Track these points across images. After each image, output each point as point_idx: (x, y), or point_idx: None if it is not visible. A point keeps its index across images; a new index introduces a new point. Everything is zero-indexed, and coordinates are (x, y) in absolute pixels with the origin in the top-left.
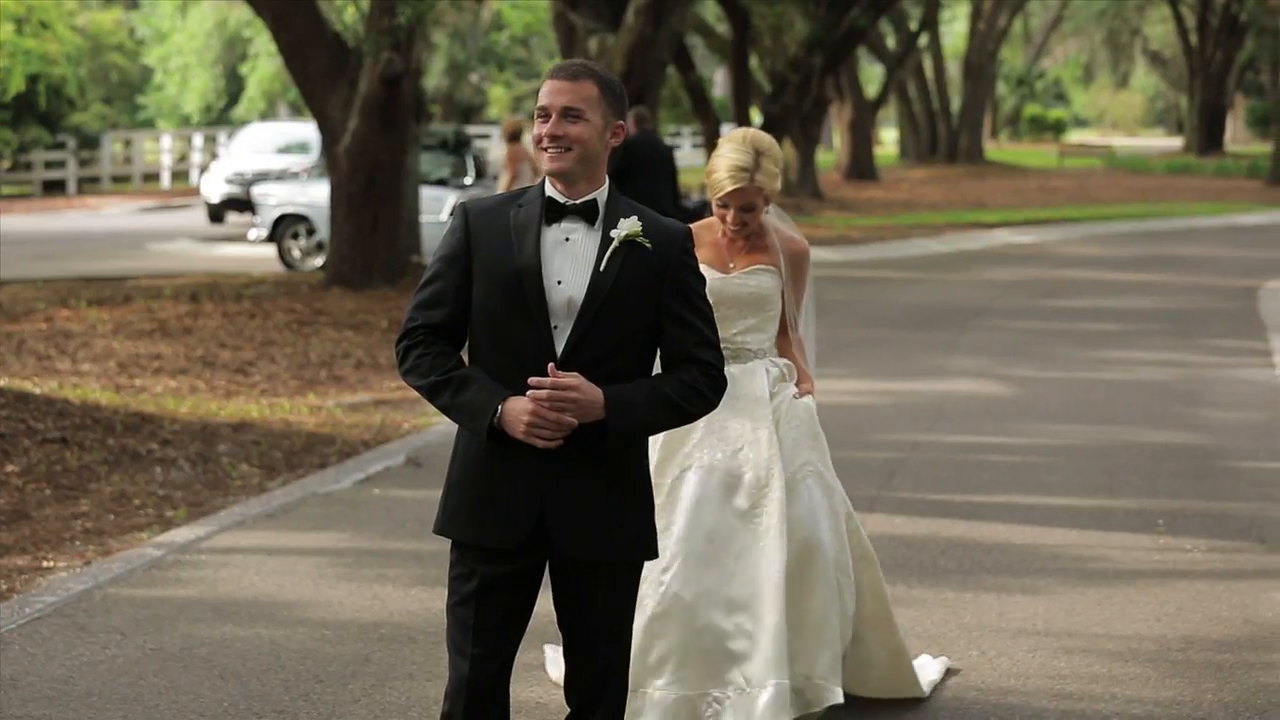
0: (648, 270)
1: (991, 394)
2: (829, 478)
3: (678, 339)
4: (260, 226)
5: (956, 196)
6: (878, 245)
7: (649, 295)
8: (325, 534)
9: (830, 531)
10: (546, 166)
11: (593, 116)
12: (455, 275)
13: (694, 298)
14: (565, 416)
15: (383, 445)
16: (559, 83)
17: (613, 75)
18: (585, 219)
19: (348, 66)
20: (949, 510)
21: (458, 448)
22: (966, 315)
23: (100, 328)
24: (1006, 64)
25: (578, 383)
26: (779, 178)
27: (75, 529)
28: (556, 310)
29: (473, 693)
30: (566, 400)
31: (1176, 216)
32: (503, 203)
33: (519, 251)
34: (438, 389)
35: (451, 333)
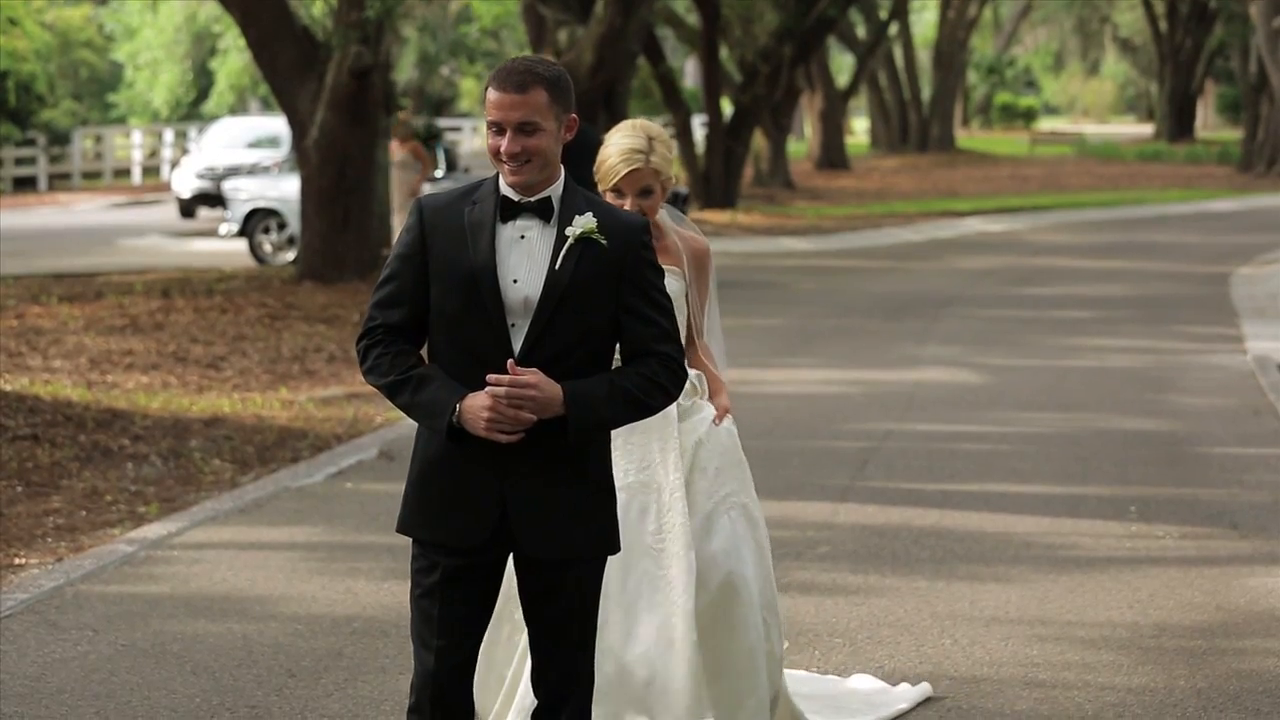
0: (604, 266)
1: (964, 382)
2: (753, 510)
3: (637, 334)
4: (231, 221)
5: (928, 185)
6: (850, 234)
7: (606, 291)
8: (298, 528)
9: (755, 567)
10: (508, 179)
11: (547, 124)
12: (412, 274)
13: (652, 292)
14: (524, 413)
15: (355, 439)
16: (508, 96)
17: (557, 70)
18: (540, 216)
19: (316, 60)
20: (921, 499)
21: (417, 447)
22: (938, 304)
23: (71, 324)
24: (977, 52)
25: (536, 379)
26: (673, 165)
27: (47, 526)
28: (513, 309)
29: (438, 684)
30: (525, 397)
31: (1148, 203)
32: (458, 199)
33: (474, 251)
34: (397, 388)
35: (410, 332)
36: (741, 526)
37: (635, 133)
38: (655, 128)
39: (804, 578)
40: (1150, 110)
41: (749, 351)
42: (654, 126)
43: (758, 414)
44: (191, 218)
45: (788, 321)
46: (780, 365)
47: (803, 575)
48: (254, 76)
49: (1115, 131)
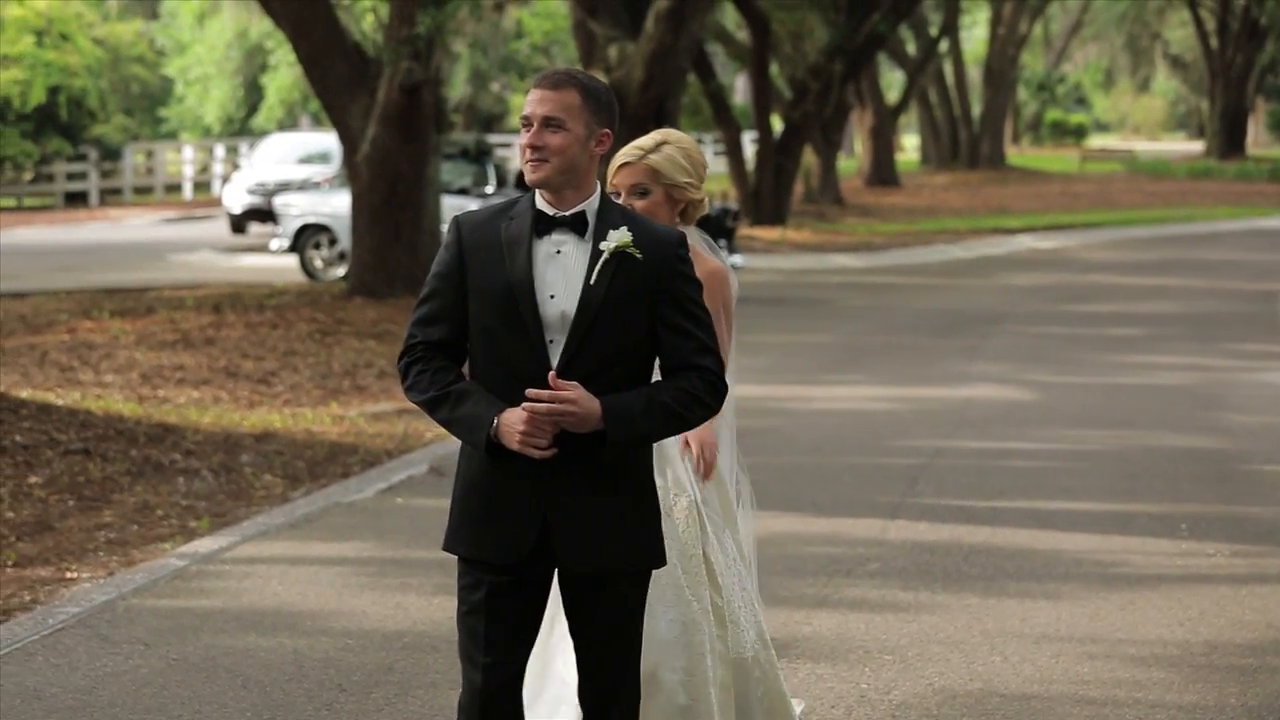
0: (640, 281)
1: (1013, 399)
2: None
3: (675, 347)
4: (282, 237)
5: (978, 202)
6: (900, 251)
7: (643, 306)
8: (348, 543)
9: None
10: (528, 176)
11: (573, 125)
12: (451, 291)
13: (689, 305)
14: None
15: (405, 454)
16: (541, 91)
17: (598, 83)
18: (575, 231)
19: (367, 76)
20: (972, 516)
21: (461, 464)
22: (988, 321)
23: (123, 339)
24: (1027, 69)
25: (576, 394)
26: (687, 174)
27: (98, 540)
28: (550, 325)
29: (486, 701)
30: (564, 412)
31: (1198, 221)
32: (494, 216)
33: (511, 266)
34: (437, 404)
35: (451, 348)
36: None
37: (650, 135)
38: (680, 136)
39: (854, 594)
40: (1201, 127)
41: (798, 368)
42: (676, 133)
43: (807, 430)
44: (242, 233)
45: (837, 338)
46: (830, 382)
47: (853, 592)
48: (305, 92)
49: (1166, 148)
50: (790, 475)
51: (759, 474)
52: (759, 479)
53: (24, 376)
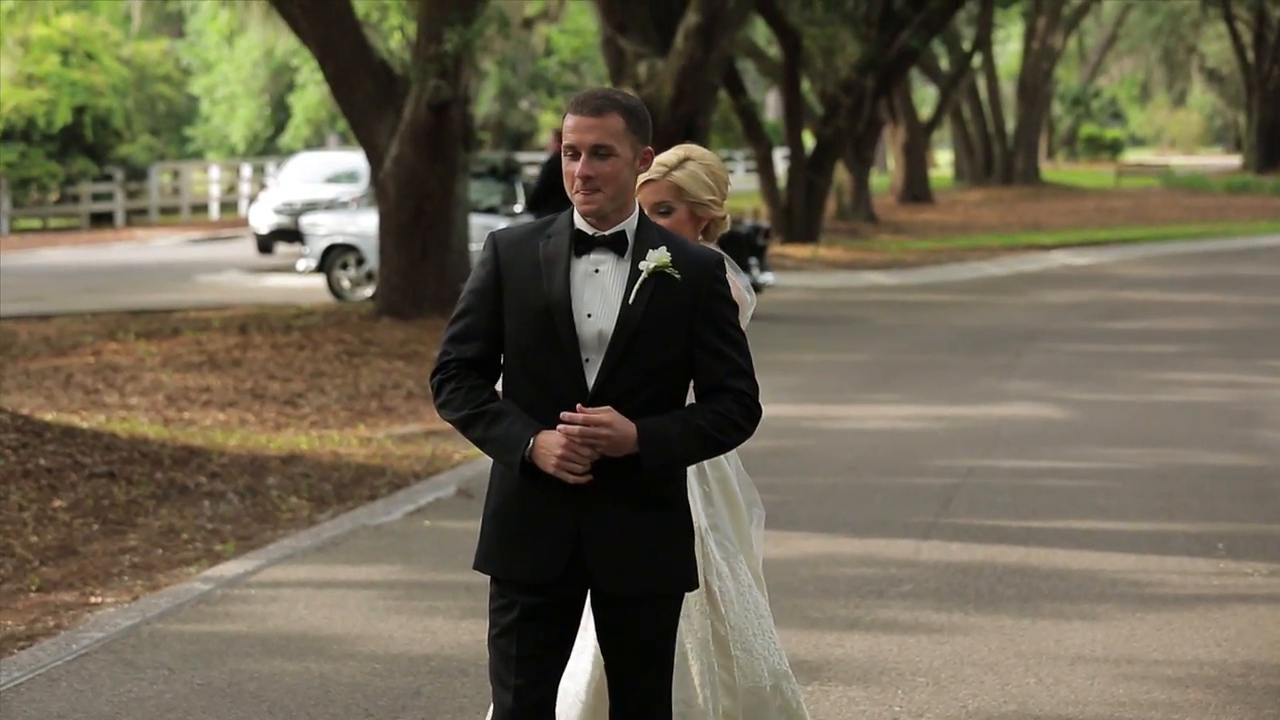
0: (678, 301)
1: (1048, 418)
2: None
3: (711, 369)
4: (309, 257)
5: (1012, 218)
6: (933, 268)
7: (680, 326)
8: (375, 566)
9: None
10: (580, 208)
11: (621, 150)
12: (486, 309)
13: (726, 327)
14: (595, 451)
15: (433, 476)
16: (584, 118)
17: (635, 100)
18: (614, 250)
19: (395, 94)
20: (1006, 536)
21: (493, 482)
22: (1023, 338)
23: (148, 360)
24: (1062, 83)
25: (610, 418)
26: (710, 192)
27: (123, 564)
28: (587, 343)
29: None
30: (598, 436)
31: (1235, 236)
32: (532, 233)
33: (549, 285)
34: (470, 423)
35: (485, 366)
36: None
37: (673, 151)
38: (703, 152)
39: (887, 616)
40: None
41: (831, 387)
42: (700, 150)
43: (840, 450)
44: (269, 253)
45: (870, 356)
46: (863, 401)
47: (885, 613)
48: (332, 110)
49: (1202, 163)
50: (823, 495)
51: (791, 494)
52: (791, 499)
53: (49, 399)
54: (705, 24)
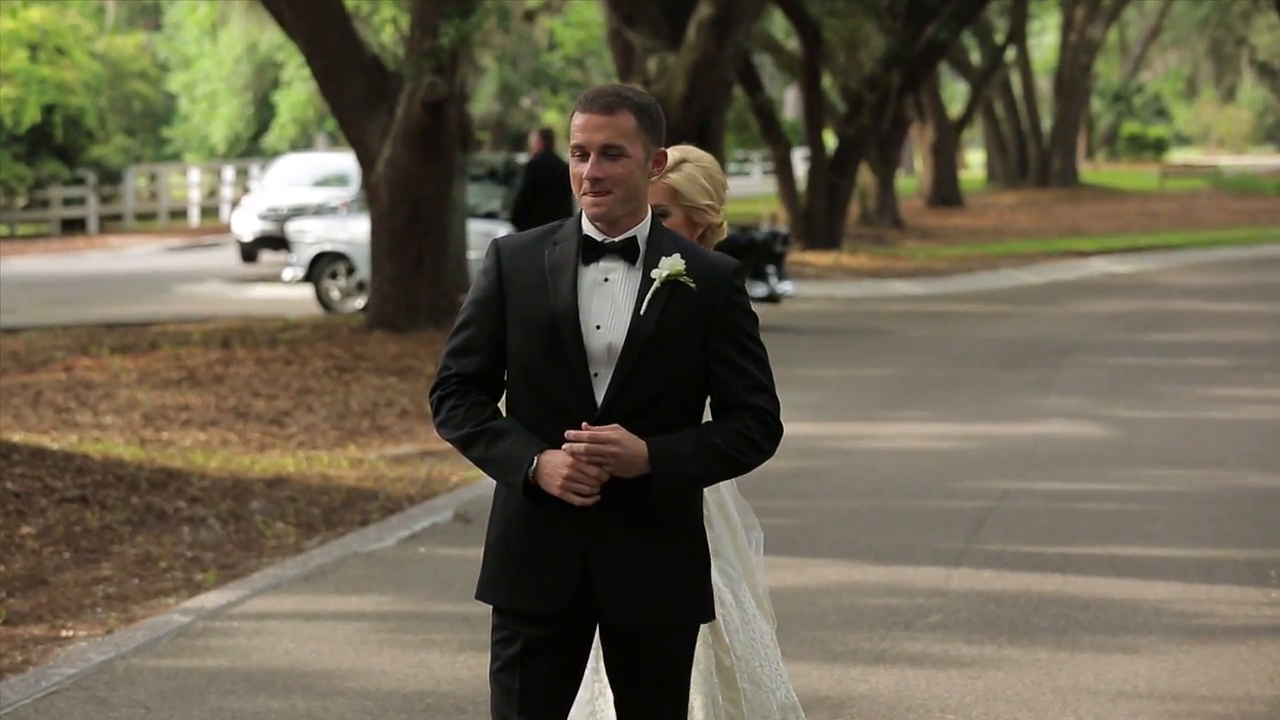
0: (693, 312)
1: (1088, 436)
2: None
3: (728, 385)
4: (296, 266)
5: (1049, 223)
6: (964, 277)
7: (694, 339)
8: (367, 597)
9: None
10: (588, 211)
11: (633, 150)
12: (488, 320)
13: (744, 339)
14: (604, 471)
15: (429, 500)
16: (593, 116)
17: (648, 98)
18: (625, 257)
19: (387, 92)
20: (1042, 563)
21: (495, 505)
22: (1060, 351)
23: (124, 377)
24: (1102, 78)
25: (618, 435)
26: (708, 196)
27: (96, 595)
28: (596, 357)
29: None
30: (606, 454)
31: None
32: (537, 240)
33: (554, 294)
34: (471, 441)
35: (487, 381)
36: None
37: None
38: (700, 154)
39: (914, 649)
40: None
41: (854, 404)
42: (696, 151)
43: (864, 472)
44: (253, 262)
45: (896, 371)
46: (888, 419)
47: (913, 646)
48: (320, 109)
49: (1253, 163)
50: (846, 520)
51: (813, 519)
52: (812, 524)
53: (16, 418)
54: (719, 16)
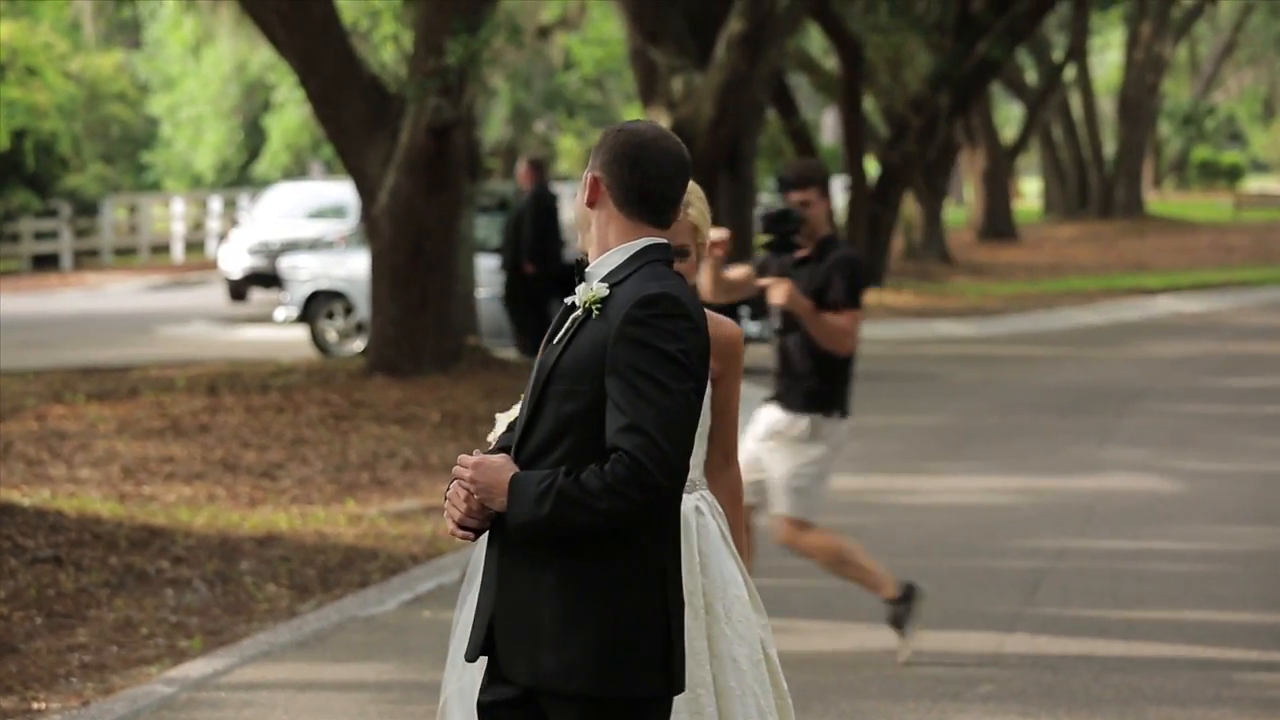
0: (594, 344)
1: (1153, 490)
2: None
3: (608, 424)
4: (289, 305)
5: (1112, 257)
6: (1018, 317)
7: (592, 375)
8: (367, 665)
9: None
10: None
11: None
12: None
13: (629, 374)
14: (473, 500)
15: (434, 560)
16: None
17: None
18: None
19: (389, 115)
20: (1104, 628)
21: None
22: (1124, 398)
23: (101, 426)
24: (1170, 99)
25: (474, 462)
26: (708, 228)
27: (71, 663)
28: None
29: None
30: (464, 480)
31: None
32: None
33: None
34: None
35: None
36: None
37: None
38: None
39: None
40: None
41: (898, 455)
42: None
43: (909, 529)
44: (243, 301)
45: (944, 419)
46: (935, 471)
47: (963, 719)
48: (315, 135)
49: None
50: None
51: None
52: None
53: None
54: (751, 32)
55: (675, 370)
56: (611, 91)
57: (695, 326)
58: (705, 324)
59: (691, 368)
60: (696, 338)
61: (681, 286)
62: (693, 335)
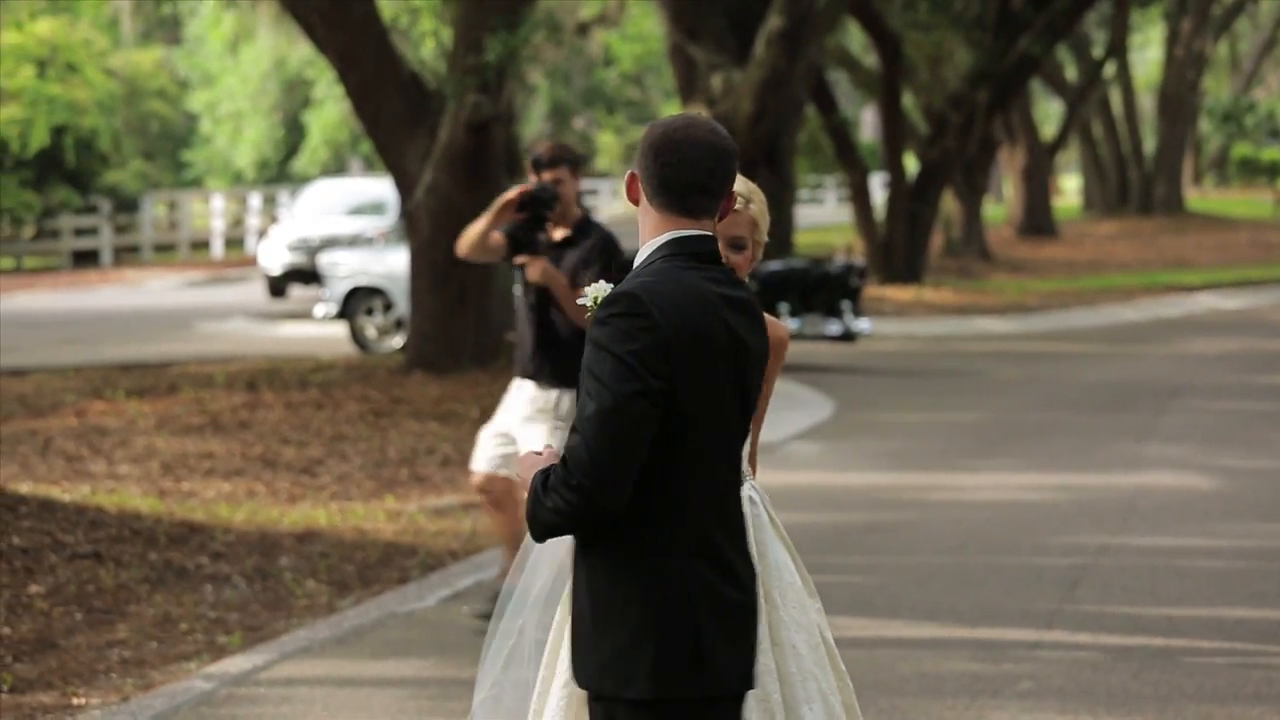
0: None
1: (1194, 488)
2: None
3: None
4: (329, 301)
5: (1152, 254)
6: (1058, 313)
7: None
8: (406, 661)
9: None
10: None
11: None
12: None
13: (585, 375)
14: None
15: (474, 556)
16: None
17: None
18: None
19: (428, 112)
20: (1143, 626)
21: None
22: (1164, 395)
23: (141, 423)
24: (1210, 96)
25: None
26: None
27: (111, 659)
28: None
29: None
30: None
31: None
32: None
33: None
34: None
35: None
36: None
37: (740, 181)
38: (753, 185)
39: (1002, 719)
40: None
41: (937, 452)
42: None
43: (948, 526)
44: (282, 297)
45: (983, 416)
46: (975, 468)
47: (1001, 716)
48: (354, 131)
49: None
50: (927, 579)
51: (891, 577)
52: (891, 583)
53: (24, 468)
54: (790, 29)
55: (621, 371)
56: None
57: (651, 325)
58: (676, 320)
59: (641, 369)
60: (652, 336)
61: (660, 285)
62: (647, 334)
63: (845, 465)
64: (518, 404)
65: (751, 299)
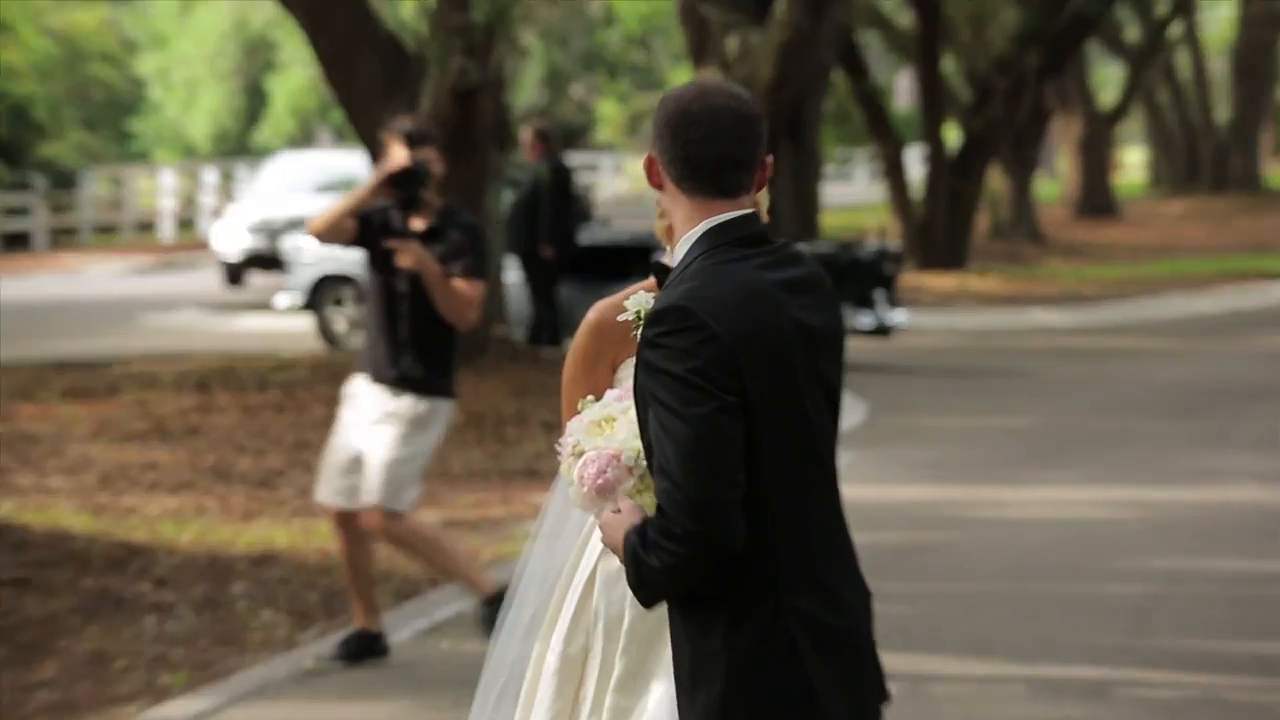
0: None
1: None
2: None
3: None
4: (293, 291)
5: (1227, 237)
6: (1120, 304)
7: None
8: (376, 704)
9: None
10: None
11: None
12: None
13: (653, 404)
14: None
15: (453, 583)
16: None
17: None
18: None
19: (407, 78)
20: (1226, 663)
21: None
22: (1245, 397)
23: (76, 429)
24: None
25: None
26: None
27: (36, 701)
28: None
29: None
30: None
31: None
32: None
33: None
34: None
35: None
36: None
37: None
38: None
39: None
40: None
41: (984, 462)
42: None
43: (997, 548)
44: (239, 286)
45: (1037, 421)
46: (1028, 481)
47: None
48: (324, 99)
49: None
50: (974, 608)
51: (933, 605)
52: (933, 612)
53: None
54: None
55: (688, 394)
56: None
57: (710, 335)
58: (736, 325)
59: (709, 384)
60: (714, 348)
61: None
62: (707, 347)
63: (880, 477)
64: (365, 407)
65: (813, 272)
